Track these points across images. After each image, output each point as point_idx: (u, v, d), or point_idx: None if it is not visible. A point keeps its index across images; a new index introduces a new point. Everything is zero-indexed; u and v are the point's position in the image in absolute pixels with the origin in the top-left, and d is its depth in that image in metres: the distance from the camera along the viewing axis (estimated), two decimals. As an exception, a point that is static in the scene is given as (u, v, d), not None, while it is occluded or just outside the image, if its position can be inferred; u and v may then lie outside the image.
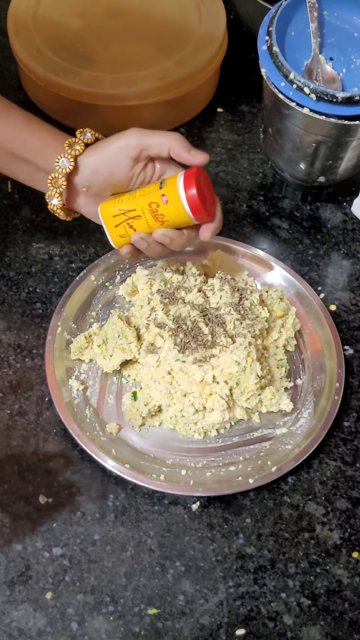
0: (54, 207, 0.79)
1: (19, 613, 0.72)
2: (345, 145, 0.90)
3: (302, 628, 0.73)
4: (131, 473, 0.78)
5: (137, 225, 0.77)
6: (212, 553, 0.76)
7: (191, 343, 0.82)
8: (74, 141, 0.76)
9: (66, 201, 0.79)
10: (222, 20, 1.07)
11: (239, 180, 1.04)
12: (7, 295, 0.91)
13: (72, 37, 1.04)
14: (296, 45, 0.90)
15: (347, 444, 0.84)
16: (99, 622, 0.72)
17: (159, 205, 0.74)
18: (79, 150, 0.76)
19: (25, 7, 1.06)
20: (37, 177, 0.78)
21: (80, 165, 0.76)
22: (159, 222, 0.76)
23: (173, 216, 0.75)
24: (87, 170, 0.76)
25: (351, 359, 0.89)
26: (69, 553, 0.75)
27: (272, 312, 0.89)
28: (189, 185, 0.73)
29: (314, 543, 0.77)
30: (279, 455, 0.81)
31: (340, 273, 0.97)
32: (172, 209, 0.74)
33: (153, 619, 0.73)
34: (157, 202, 0.74)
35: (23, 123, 0.77)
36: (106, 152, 0.76)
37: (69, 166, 0.75)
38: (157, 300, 0.86)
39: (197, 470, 0.80)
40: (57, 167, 0.76)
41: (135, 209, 0.76)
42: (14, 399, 0.84)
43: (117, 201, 0.77)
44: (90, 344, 0.86)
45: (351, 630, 0.73)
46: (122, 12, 1.08)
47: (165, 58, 1.03)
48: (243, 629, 0.73)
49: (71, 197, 0.79)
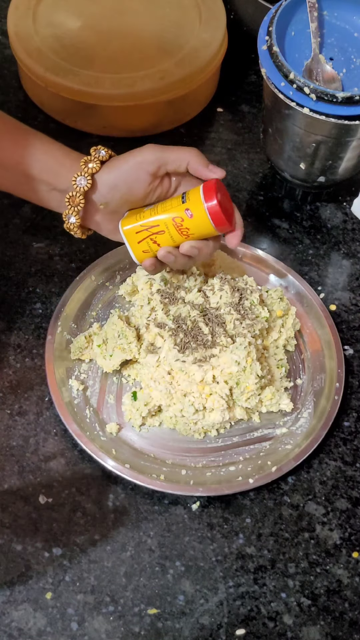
0: (71, 226, 0.78)
1: (19, 613, 0.72)
2: (345, 145, 0.90)
3: (302, 628, 0.73)
4: (131, 473, 0.78)
5: (161, 240, 0.77)
6: (212, 553, 0.76)
7: (191, 343, 0.82)
8: (90, 159, 0.76)
9: (83, 219, 0.79)
10: (222, 20, 1.07)
11: (239, 180, 1.04)
12: (7, 295, 0.91)
13: (72, 37, 1.04)
14: (296, 45, 0.90)
15: (347, 444, 0.84)
16: (99, 622, 0.72)
17: (184, 220, 0.75)
18: (95, 168, 0.75)
19: (25, 7, 1.06)
20: (52, 196, 0.78)
21: (97, 183, 0.76)
22: (184, 236, 0.76)
23: (198, 229, 0.76)
24: (104, 188, 0.76)
25: (351, 359, 0.89)
26: (69, 553, 0.75)
27: (272, 312, 0.89)
28: (210, 198, 0.74)
29: (314, 543, 0.77)
30: (279, 455, 0.81)
31: (340, 273, 0.97)
32: (197, 222, 0.75)
33: (153, 619, 0.73)
34: (181, 216, 0.75)
35: (38, 144, 0.77)
36: (124, 168, 0.76)
37: (86, 184, 0.75)
38: (157, 300, 0.86)
39: (197, 470, 0.80)
40: (75, 186, 0.75)
41: (159, 225, 0.76)
42: (14, 399, 0.84)
43: (138, 217, 0.78)
44: (90, 344, 0.86)
45: (351, 630, 0.73)
46: (122, 12, 1.08)
47: (165, 58, 1.03)
48: (243, 629, 0.73)
49: (87, 215, 0.79)
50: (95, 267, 0.92)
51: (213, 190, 0.75)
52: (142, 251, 0.79)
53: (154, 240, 0.77)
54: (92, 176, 0.76)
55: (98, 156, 0.76)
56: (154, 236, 0.77)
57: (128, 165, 0.75)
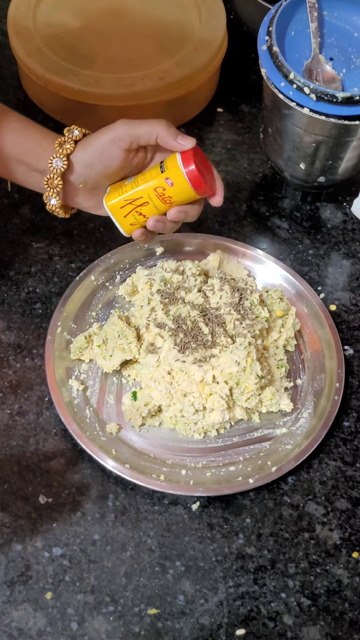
0: (53, 207, 0.80)
1: (19, 613, 0.72)
2: (345, 145, 0.90)
3: (302, 628, 0.73)
4: (131, 473, 0.78)
5: (146, 211, 0.78)
6: (212, 553, 0.76)
7: (191, 343, 0.82)
8: (64, 140, 0.77)
9: (64, 199, 0.80)
10: (222, 20, 1.07)
11: (239, 180, 1.04)
12: (7, 295, 0.91)
13: (72, 37, 1.04)
14: (296, 45, 0.90)
15: (347, 444, 0.84)
16: (99, 622, 0.72)
17: (165, 189, 0.76)
18: (69, 149, 0.77)
19: (25, 7, 1.06)
20: (33, 177, 0.79)
21: (73, 163, 0.77)
22: (168, 204, 0.78)
23: (180, 196, 0.77)
24: (80, 167, 0.78)
25: (351, 359, 0.89)
26: (69, 553, 0.75)
27: (272, 312, 0.89)
28: (188, 164, 0.75)
29: (314, 543, 0.77)
30: (279, 455, 0.81)
31: (340, 273, 0.97)
32: (178, 189, 0.76)
33: (153, 619, 0.72)
34: (162, 186, 0.76)
35: (20, 127, 0.78)
36: (98, 146, 0.77)
37: (62, 165, 0.77)
38: (157, 300, 0.86)
39: (197, 470, 0.80)
40: (52, 168, 0.77)
41: (142, 197, 0.77)
42: (14, 399, 0.84)
43: (120, 191, 0.79)
44: (90, 344, 0.86)
45: (351, 630, 0.73)
46: (122, 12, 1.08)
47: (165, 58, 1.03)
48: (243, 629, 0.73)
49: (68, 194, 0.80)
50: (95, 267, 0.92)
51: (190, 156, 0.76)
52: (130, 224, 0.80)
53: (139, 212, 0.79)
54: (67, 157, 0.77)
55: (72, 136, 0.78)
56: (139, 208, 0.78)
57: (101, 143, 0.77)
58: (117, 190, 0.79)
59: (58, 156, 0.76)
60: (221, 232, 0.98)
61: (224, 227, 0.99)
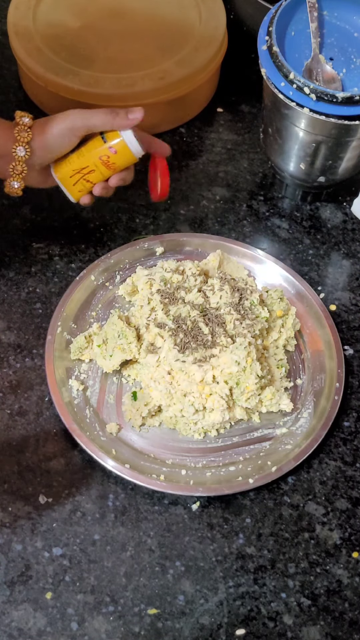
0: (12, 190, 0.86)
1: (19, 613, 0.72)
2: (345, 145, 0.90)
3: (302, 628, 0.73)
4: (131, 473, 0.78)
5: (92, 178, 0.86)
6: (212, 553, 0.76)
7: (191, 343, 0.82)
8: (20, 128, 0.82)
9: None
10: (222, 20, 1.07)
11: (239, 180, 1.04)
12: (7, 295, 0.91)
13: (72, 37, 1.04)
14: (296, 45, 0.90)
15: (347, 444, 0.84)
16: (99, 622, 0.72)
17: (109, 156, 0.84)
18: (28, 137, 0.82)
19: (25, 7, 1.06)
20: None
21: (33, 149, 0.83)
22: (111, 170, 0.86)
23: (122, 160, 0.85)
24: (40, 152, 0.84)
25: (351, 359, 0.89)
26: (69, 553, 0.75)
27: (272, 312, 0.89)
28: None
29: (314, 543, 0.77)
30: (279, 455, 0.81)
31: (340, 273, 0.97)
32: (120, 155, 0.84)
33: (153, 619, 0.72)
34: (106, 154, 0.84)
35: None
36: (55, 133, 0.83)
37: (26, 154, 0.83)
38: (157, 300, 0.86)
39: (197, 470, 0.80)
40: (16, 156, 0.82)
41: (89, 166, 0.85)
42: (14, 399, 0.84)
43: (67, 163, 0.86)
44: (90, 344, 0.86)
45: (351, 630, 0.73)
46: (122, 12, 1.08)
47: (165, 58, 1.03)
48: (243, 629, 0.73)
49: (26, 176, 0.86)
50: (95, 267, 0.92)
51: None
52: (78, 191, 0.88)
53: (87, 180, 0.86)
54: (28, 144, 0.83)
55: (26, 124, 0.83)
56: (87, 176, 0.86)
57: (58, 130, 0.83)
58: (64, 162, 0.86)
59: (21, 145, 0.82)
60: (221, 232, 0.98)
61: (224, 227, 0.99)
